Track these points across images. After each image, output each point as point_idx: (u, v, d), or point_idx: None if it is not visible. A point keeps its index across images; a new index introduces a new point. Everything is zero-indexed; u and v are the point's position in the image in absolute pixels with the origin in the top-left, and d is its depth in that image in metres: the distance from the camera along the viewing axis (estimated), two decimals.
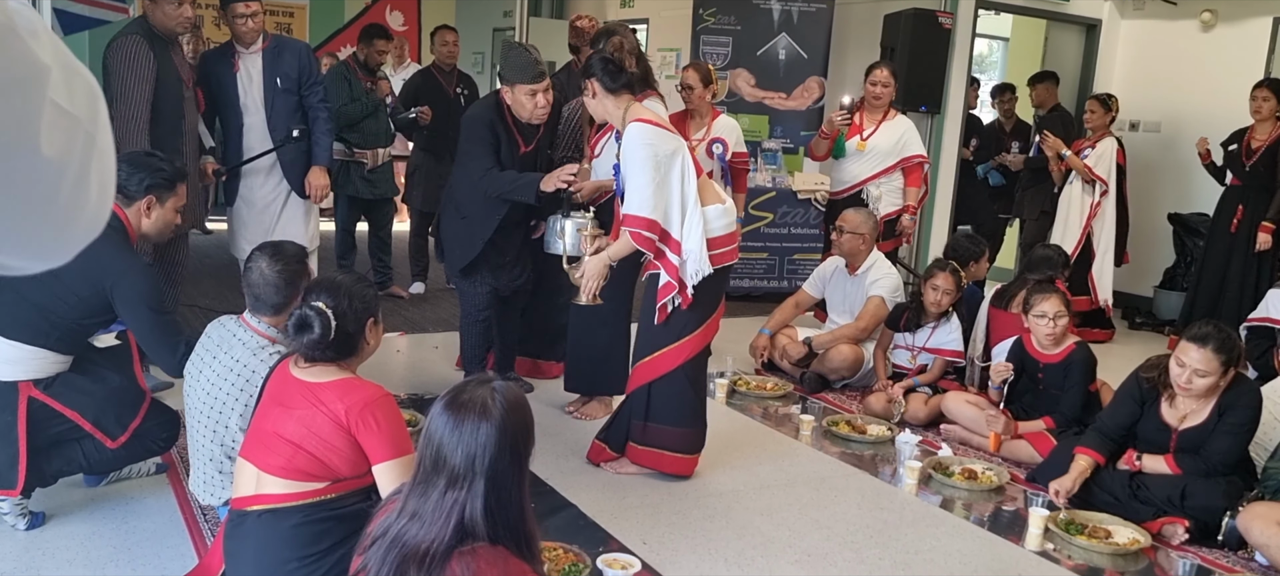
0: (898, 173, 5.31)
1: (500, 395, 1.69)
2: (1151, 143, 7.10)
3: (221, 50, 4.41)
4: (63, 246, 0.68)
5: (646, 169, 3.16)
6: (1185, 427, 3.29)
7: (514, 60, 3.83)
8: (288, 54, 4.36)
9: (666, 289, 3.25)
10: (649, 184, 3.16)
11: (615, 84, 3.30)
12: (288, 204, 4.44)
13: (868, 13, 6.84)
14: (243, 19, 4.20)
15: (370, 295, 2.35)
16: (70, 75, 0.66)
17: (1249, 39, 6.62)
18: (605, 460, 3.50)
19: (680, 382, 3.35)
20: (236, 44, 4.30)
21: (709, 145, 4.71)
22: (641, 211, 3.19)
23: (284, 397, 2.24)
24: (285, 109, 4.31)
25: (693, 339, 3.33)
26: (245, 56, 4.30)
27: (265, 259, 2.58)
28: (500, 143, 3.88)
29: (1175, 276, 6.84)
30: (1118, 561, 3.09)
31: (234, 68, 4.29)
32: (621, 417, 3.47)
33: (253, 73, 4.31)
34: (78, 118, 0.65)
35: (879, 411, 4.33)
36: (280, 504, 2.18)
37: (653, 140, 3.19)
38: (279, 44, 4.39)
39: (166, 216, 2.90)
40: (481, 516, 1.62)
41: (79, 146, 0.65)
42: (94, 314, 2.75)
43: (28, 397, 2.72)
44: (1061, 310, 3.84)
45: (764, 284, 6.58)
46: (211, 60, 4.40)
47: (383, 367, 4.54)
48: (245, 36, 4.26)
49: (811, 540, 3.08)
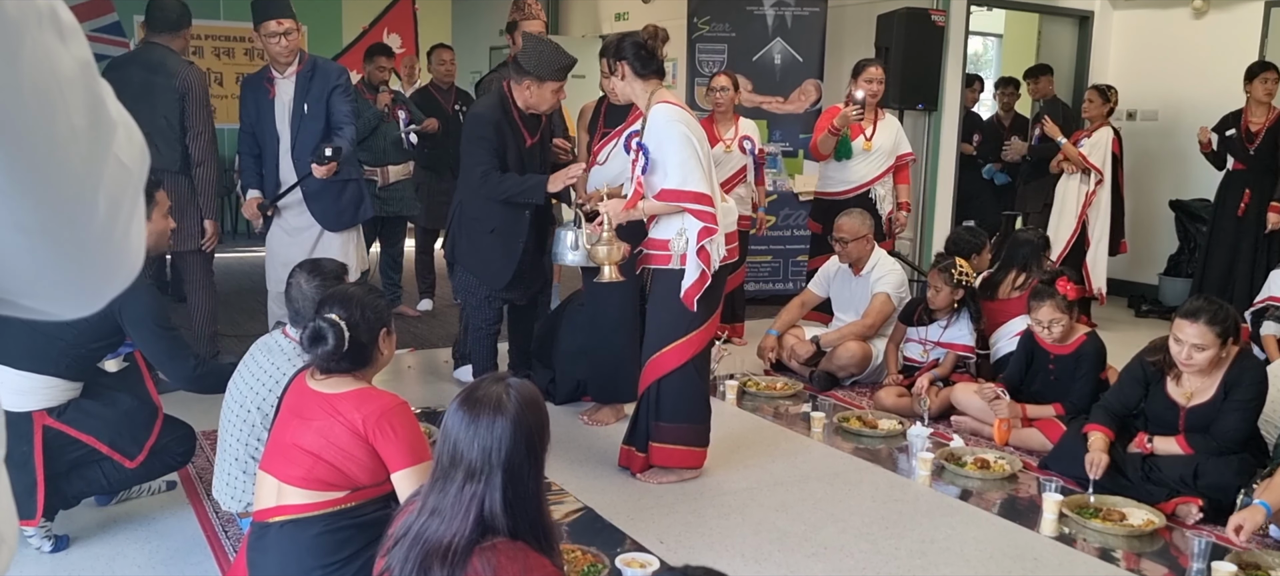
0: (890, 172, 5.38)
1: (515, 391, 1.72)
2: (1149, 131, 7.13)
3: (259, 75, 4.29)
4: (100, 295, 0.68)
5: (687, 145, 3.21)
6: (1193, 405, 3.31)
7: (545, 56, 3.82)
8: (319, 78, 4.21)
9: (702, 281, 3.25)
10: (692, 158, 3.21)
11: (646, 69, 3.36)
12: (324, 235, 4.27)
13: (861, 14, 6.88)
14: (275, 37, 4.08)
15: (382, 306, 2.40)
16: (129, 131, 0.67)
17: (1241, 24, 6.66)
18: (638, 468, 3.48)
19: (689, 377, 3.38)
20: (272, 67, 4.21)
21: (741, 142, 5.10)
22: (699, 187, 3.21)
23: (302, 409, 2.27)
24: (310, 136, 4.16)
25: (701, 333, 3.37)
26: (280, 82, 4.21)
27: (304, 274, 2.68)
28: (505, 141, 3.88)
29: (1179, 263, 6.86)
30: (1133, 543, 3.10)
31: (270, 94, 4.21)
32: (640, 419, 3.49)
33: (285, 98, 4.21)
34: (131, 171, 0.66)
35: (891, 406, 4.35)
36: (302, 514, 2.21)
37: (684, 118, 3.27)
38: (313, 67, 4.23)
39: (156, 226, 2.91)
40: (501, 510, 1.64)
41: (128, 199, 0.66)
42: (102, 336, 2.79)
43: (42, 426, 2.75)
44: (1057, 315, 3.86)
45: (769, 286, 6.61)
46: (249, 85, 4.30)
47: (394, 384, 4.57)
48: (279, 57, 4.15)
49: (827, 533, 3.10)
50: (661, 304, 3.38)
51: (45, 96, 0.57)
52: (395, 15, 10.24)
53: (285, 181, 4.23)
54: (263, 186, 4.29)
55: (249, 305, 6.11)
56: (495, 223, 3.94)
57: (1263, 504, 2.94)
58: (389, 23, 9.84)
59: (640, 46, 3.37)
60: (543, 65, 3.80)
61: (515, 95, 3.91)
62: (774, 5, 6.68)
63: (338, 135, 4.17)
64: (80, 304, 0.68)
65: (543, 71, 3.80)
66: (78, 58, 0.60)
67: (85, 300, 0.68)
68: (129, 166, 0.66)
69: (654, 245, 3.40)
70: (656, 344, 3.39)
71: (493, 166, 3.86)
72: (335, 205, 4.26)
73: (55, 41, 0.58)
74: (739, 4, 6.70)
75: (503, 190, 3.87)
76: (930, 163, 6.80)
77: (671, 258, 3.33)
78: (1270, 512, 2.95)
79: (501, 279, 4.03)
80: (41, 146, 0.57)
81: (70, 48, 0.59)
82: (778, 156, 6.68)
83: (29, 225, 0.59)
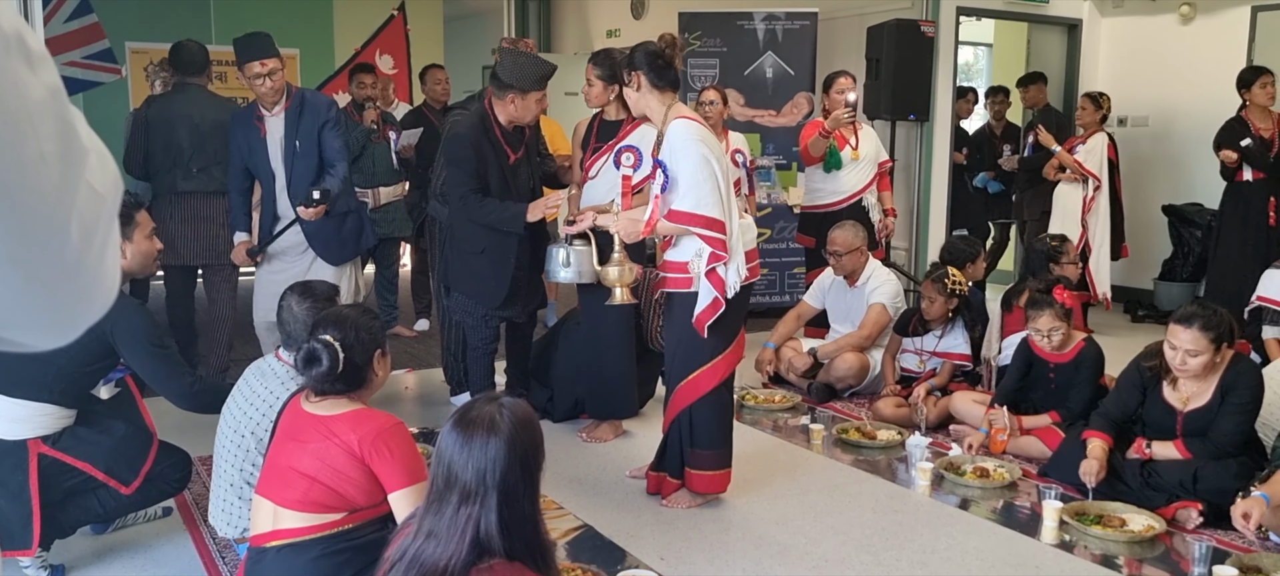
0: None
1: (508, 411, 1.71)
2: (1141, 137, 7.16)
3: (248, 112, 4.24)
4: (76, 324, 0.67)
5: (705, 166, 3.06)
6: (1190, 410, 3.31)
7: (526, 69, 3.80)
8: (308, 113, 4.15)
9: (715, 306, 3.13)
10: (708, 180, 3.05)
11: (662, 81, 3.21)
12: (315, 262, 4.23)
13: (850, 26, 6.92)
14: (259, 79, 4.04)
15: (377, 327, 2.39)
16: (102, 157, 0.66)
17: (1229, 29, 6.69)
18: (669, 492, 3.40)
19: (721, 400, 3.30)
20: (260, 105, 4.16)
21: (733, 155, 5.03)
22: (711, 211, 3.06)
23: (297, 432, 2.26)
24: (305, 171, 4.12)
25: (728, 356, 3.26)
26: (269, 119, 4.15)
27: (295, 297, 2.69)
28: (485, 160, 3.83)
29: (1174, 267, 6.87)
30: (1134, 549, 3.09)
31: (261, 132, 4.16)
32: (671, 444, 3.39)
33: (276, 134, 4.16)
34: (104, 197, 0.65)
35: (889, 416, 4.34)
36: (299, 537, 2.20)
37: (704, 137, 3.11)
38: (301, 102, 4.17)
39: (141, 247, 2.91)
40: (497, 531, 1.63)
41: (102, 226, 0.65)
42: (95, 359, 2.77)
43: (38, 454, 2.74)
44: (1055, 323, 3.86)
45: (765, 299, 6.60)
46: (239, 122, 4.26)
47: (391, 404, 4.55)
48: (265, 98, 4.11)
49: (828, 546, 3.09)
50: (683, 328, 3.24)
51: (14, 123, 0.56)
52: (387, 36, 10.26)
53: (284, 216, 4.21)
54: (252, 226, 4.31)
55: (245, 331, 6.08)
56: (485, 243, 3.92)
57: (1263, 495, 2.94)
58: (381, 44, 9.87)
59: (657, 55, 3.21)
60: (524, 77, 3.79)
61: (497, 111, 3.87)
62: (764, 19, 6.71)
63: (330, 173, 4.16)
64: (55, 333, 0.66)
65: (525, 83, 3.79)
66: (47, 84, 0.59)
67: (60, 330, 0.66)
68: (102, 193, 0.65)
69: (671, 267, 3.25)
70: (683, 371, 3.26)
71: (471, 189, 3.82)
72: (336, 238, 4.25)
73: (23, 68, 0.58)
74: (730, 18, 6.73)
75: (482, 215, 3.83)
76: (923, 173, 6.81)
77: (692, 280, 3.18)
78: (1269, 502, 2.95)
79: (497, 297, 4.00)
80: (10, 173, 0.56)
81: (39, 75, 0.59)
82: (772, 170, 6.69)
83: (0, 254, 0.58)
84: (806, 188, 5.56)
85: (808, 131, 5.36)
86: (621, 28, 9.04)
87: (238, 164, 4.26)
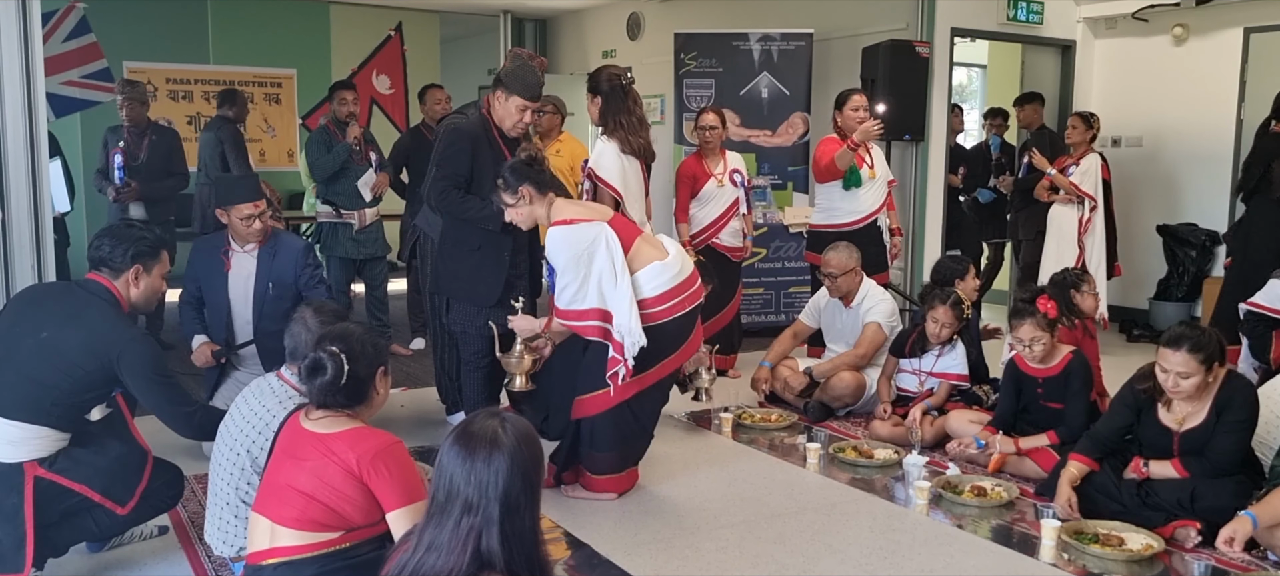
0: None
1: (510, 426, 1.71)
2: (1134, 157, 7.20)
3: (212, 243, 4.10)
4: None
5: (574, 268, 3.38)
6: (1186, 430, 3.31)
7: (523, 75, 3.95)
8: (284, 256, 4.02)
9: (613, 363, 3.41)
10: (575, 281, 3.39)
11: (541, 188, 3.47)
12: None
13: (845, 47, 6.96)
14: (248, 219, 3.94)
15: (381, 345, 2.43)
16: None
17: (1222, 50, 6.75)
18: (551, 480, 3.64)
19: (622, 414, 3.53)
20: (233, 239, 4.03)
21: (731, 176, 5.29)
22: (583, 305, 3.40)
23: (295, 450, 2.25)
24: (276, 313, 3.82)
25: (641, 380, 3.49)
26: (238, 255, 4.02)
27: (309, 310, 2.75)
28: (482, 157, 3.95)
29: (1169, 287, 6.90)
30: (1132, 568, 3.09)
31: (226, 266, 4.01)
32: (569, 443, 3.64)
33: (244, 270, 4.02)
34: None
35: (886, 436, 4.34)
36: (295, 555, 2.19)
37: (573, 240, 3.39)
38: (275, 244, 4.05)
39: (153, 284, 2.96)
40: (498, 544, 1.63)
41: None
42: (95, 387, 2.79)
43: (35, 478, 2.73)
44: (1037, 333, 3.86)
45: (761, 318, 6.61)
46: (201, 251, 4.10)
47: (388, 423, 4.52)
48: (246, 238, 3.99)
49: (825, 565, 3.08)
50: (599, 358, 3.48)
51: None
52: (384, 57, 10.30)
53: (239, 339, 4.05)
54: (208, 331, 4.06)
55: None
56: (480, 240, 3.98)
57: (1249, 514, 2.94)
58: (378, 64, 9.92)
59: (529, 164, 3.49)
60: (514, 79, 3.94)
61: (492, 107, 4.02)
62: (760, 39, 6.75)
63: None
64: None
65: (512, 84, 3.93)
66: None
67: None
68: None
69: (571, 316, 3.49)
70: (589, 386, 3.51)
71: (452, 185, 3.94)
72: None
73: None
74: (725, 39, 6.77)
75: (461, 210, 3.95)
76: (919, 192, 6.84)
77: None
78: (1256, 522, 2.94)
79: (494, 292, 4.01)
80: None
81: None
82: (767, 189, 6.72)
83: None
84: (821, 206, 5.56)
85: (826, 147, 5.38)
86: (617, 48, 9.09)
87: (190, 286, 4.08)
